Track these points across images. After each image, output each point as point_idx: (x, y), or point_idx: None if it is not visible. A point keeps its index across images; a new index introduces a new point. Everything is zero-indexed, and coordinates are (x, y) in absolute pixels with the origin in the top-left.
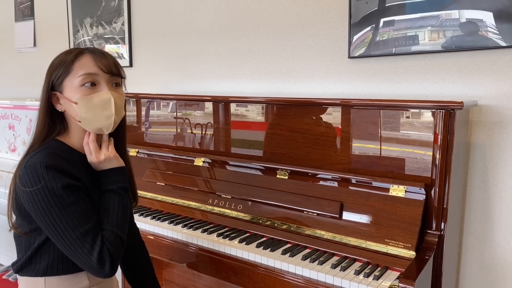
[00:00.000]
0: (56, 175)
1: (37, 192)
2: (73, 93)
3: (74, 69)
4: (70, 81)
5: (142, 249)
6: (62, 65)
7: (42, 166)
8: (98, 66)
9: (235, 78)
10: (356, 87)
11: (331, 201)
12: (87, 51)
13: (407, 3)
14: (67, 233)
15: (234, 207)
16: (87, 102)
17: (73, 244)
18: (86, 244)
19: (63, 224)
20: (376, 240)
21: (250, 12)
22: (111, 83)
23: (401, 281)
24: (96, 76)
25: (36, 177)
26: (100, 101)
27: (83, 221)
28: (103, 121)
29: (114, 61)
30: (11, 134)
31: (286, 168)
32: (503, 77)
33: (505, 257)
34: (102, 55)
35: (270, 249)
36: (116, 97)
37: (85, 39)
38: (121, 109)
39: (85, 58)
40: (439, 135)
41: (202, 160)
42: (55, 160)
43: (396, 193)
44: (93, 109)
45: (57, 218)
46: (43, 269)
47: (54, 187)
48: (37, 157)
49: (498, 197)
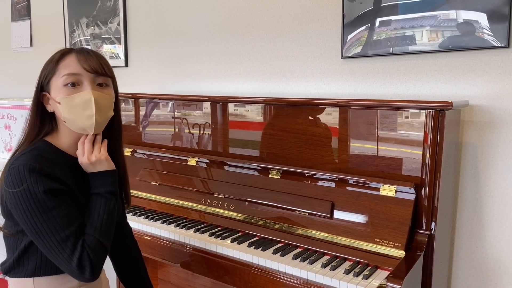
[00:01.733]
0: (39, 178)
1: (19, 194)
2: (57, 93)
3: (59, 69)
4: (55, 81)
5: (134, 249)
6: (48, 65)
7: (25, 169)
8: (82, 65)
9: (230, 78)
10: (349, 87)
11: (322, 200)
12: (73, 51)
13: (401, 4)
14: (48, 238)
15: (226, 206)
16: (68, 101)
17: (54, 249)
18: (66, 249)
19: (44, 228)
20: (367, 239)
21: (245, 12)
22: (96, 82)
23: (389, 280)
24: (78, 76)
25: (19, 179)
26: (81, 101)
27: (64, 226)
28: (85, 121)
29: (101, 61)
30: (7, 134)
31: (279, 168)
32: (495, 77)
33: (496, 256)
34: (87, 55)
35: (261, 249)
36: (98, 96)
37: (81, 39)
38: (106, 109)
39: (69, 58)
40: (429, 135)
41: (196, 160)
42: (39, 162)
43: (386, 193)
44: (74, 109)
45: (38, 222)
46: (31, 270)
47: (36, 191)
48: (21, 159)
49: (489, 197)
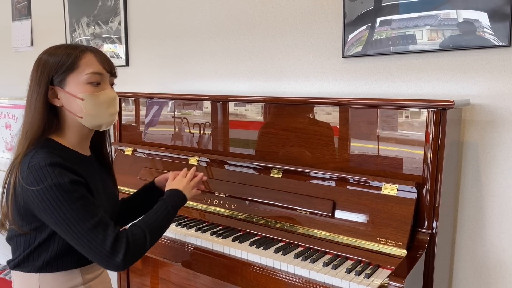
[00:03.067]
0: (62, 170)
1: (44, 190)
2: (78, 89)
3: (81, 66)
4: (76, 77)
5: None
6: (65, 61)
7: (46, 163)
8: (103, 65)
9: (231, 77)
10: (350, 86)
11: (323, 199)
12: (89, 50)
13: (402, 3)
14: (79, 227)
15: (228, 205)
16: (94, 99)
17: (85, 236)
18: (98, 235)
19: (74, 218)
20: (368, 238)
21: (245, 11)
22: (110, 83)
23: (391, 279)
24: (100, 75)
25: (42, 175)
26: (107, 98)
27: (93, 214)
28: (107, 118)
29: (111, 62)
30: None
31: (280, 167)
32: (496, 76)
33: (497, 255)
34: (104, 56)
35: (263, 248)
36: (116, 96)
37: (81, 38)
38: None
39: (89, 56)
40: (430, 134)
41: (197, 159)
42: (56, 157)
43: (388, 192)
44: (99, 106)
45: (67, 213)
46: (39, 266)
47: (62, 183)
48: (39, 156)
49: (490, 196)
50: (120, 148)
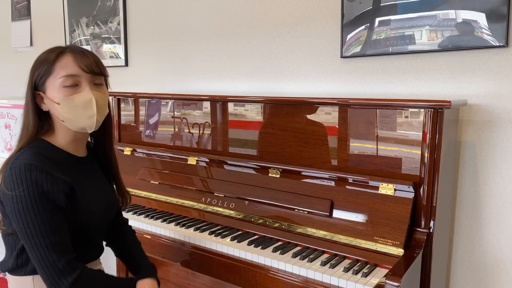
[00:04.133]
0: (39, 178)
1: (16, 195)
2: (55, 94)
3: (56, 69)
4: (52, 81)
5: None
6: (43, 65)
7: (26, 168)
8: (79, 66)
9: (230, 77)
10: (348, 87)
11: (321, 199)
12: (68, 50)
13: (401, 3)
14: (37, 239)
15: (226, 205)
16: (69, 102)
17: (39, 251)
18: (52, 254)
19: (35, 230)
20: (366, 237)
21: (244, 12)
22: (93, 82)
23: (388, 278)
24: (77, 77)
25: (19, 179)
26: (82, 101)
27: (55, 231)
28: (86, 121)
29: (96, 60)
30: (7, 133)
31: (278, 166)
32: (493, 76)
33: (494, 255)
34: (83, 54)
35: (261, 247)
36: (98, 96)
37: (81, 38)
38: (104, 108)
39: (66, 58)
40: (427, 134)
41: (196, 159)
42: (40, 161)
43: (385, 191)
44: (75, 109)
45: (30, 223)
46: (31, 269)
47: (35, 193)
48: (22, 158)
49: (488, 196)
50: (119, 148)
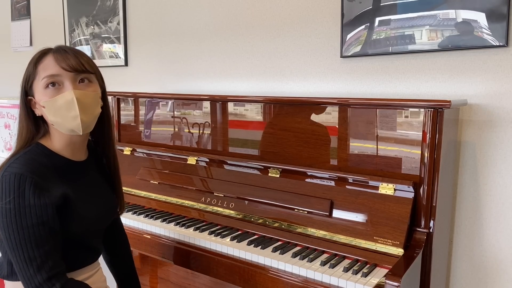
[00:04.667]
0: (27, 191)
1: (3, 206)
2: (40, 97)
3: (38, 71)
4: (37, 84)
5: (126, 244)
6: (29, 69)
7: (16, 178)
8: (60, 65)
9: (229, 77)
10: (348, 86)
11: (321, 199)
12: (50, 52)
13: (400, 3)
14: (18, 251)
15: (226, 205)
16: (52, 104)
17: (21, 263)
18: (30, 269)
19: (17, 242)
20: (366, 237)
21: (244, 12)
22: (77, 80)
23: (387, 278)
24: (58, 77)
25: (8, 190)
26: (64, 102)
27: (35, 246)
28: (71, 123)
29: (80, 58)
30: (7, 133)
31: (278, 166)
32: (493, 76)
33: (494, 255)
34: (64, 53)
35: (261, 247)
36: (81, 95)
37: (80, 38)
38: (91, 107)
39: (47, 59)
40: (427, 133)
41: (195, 159)
42: (32, 170)
43: (385, 191)
44: (59, 111)
45: (13, 235)
46: None
47: (20, 205)
48: (14, 166)
49: (488, 196)
50: (119, 148)
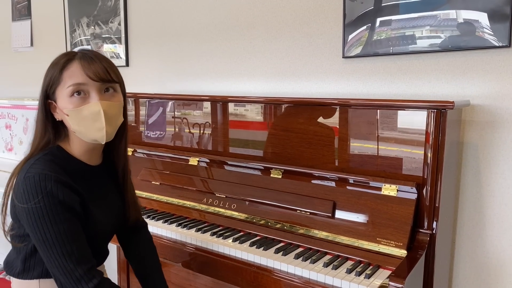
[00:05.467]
0: (54, 188)
1: (32, 207)
2: (64, 104)
3: (64, 78)
4: (61, 91)
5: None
6: (53, 73)
7: (41, 178)
8: (87, 74)
9: (230, 78)
10: (350, 87)
11: (324, 200)
12: (76, 58)
13: (402, 3)
14: (55, 249)
15: (228, 206)
16: (77, 114)
17: (58, 260)
18: (70, 263)
19: (52, 239)
20: (368, 239)
21: (245, 12)
22: (103, 90)
23: (391, 280)
24: (84, 86)
25: (33, 189)
26: (90, 113)
27: (72, 240)
28: (95, 133)
29: (106, 66)
30: (8, 134)
31: (280, 167)
32: (496, 76)
33: (497, 255)
34: (91, 61)
35: (263, 248)
36: (107, 107)
37: (81, 38)
38: (116, 118)
39: (73, 66)
40: (430, 134)
41: (197, 160)
42: (54, 171)
43: (388, 192)
44: (84, 121)
45: (47, 233)
46: (37, 274)
47: (51, 202)
48: (37, 167)
49: (490, 197)
50: None
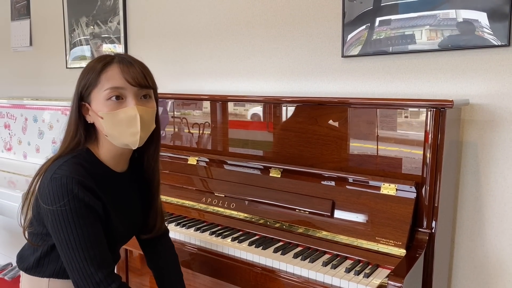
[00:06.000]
0: (81, 192)
1: (57, 209)
2: (100, 107)
3: (101, 81)
4: (97, 93)
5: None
6: (90, 75)
7: (68, 181)
8: (125, 78)
9: (230, 77)
10: (349, 86)
11: (323, 199)
12: (115, 61)
13: (401, 3)
14: (77, 252)
15: (227, 205)
16: (112, 117)
17: (79, 263)
18: (91, 267)
19: (76, 242)
20: (367, 238)
21: (245, 11)
22: (139, 95)
23: (390, 279)
24: (122, 90)
25: (60, 192)
26: (126, 117)
27: (95, 244)
28: (129, 138)
29: (144, 71)
30: (7, 133)
31: (279, 166)
32: (495, 76)
33: (496, 255)
34: (130, 65)
35: (262, 247)
36: (143, 112)
37: (81, 38)
38: (150, 124)
39: (112, 69)
40: (429, 133)
41: (196, 159)
42: (81, 174)
43: (387, 191)
44: (118, 125)
45: (71, 236)
46: (49, 273)
47: (77, 206)
48: (64, 169)
49: (490, 196)
50: None
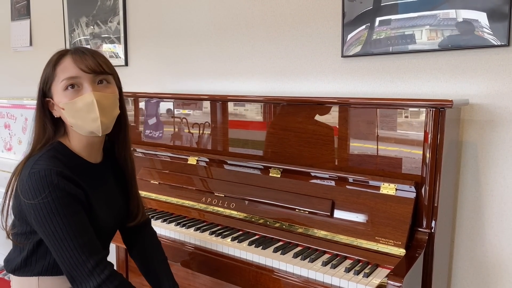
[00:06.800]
0: (61, 182)
1: (40, 202)
2: (60, 98)
3: (57, 74)
4: (56, 86)
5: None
6: (47, 71)
7: (46, 173)
8: (79, 67)
9: (230, 77)
10: (349, 86)
11: (322, 199)
12: (68, 53)
13: (401, 3)
14: (66, 242)
15: (227, 205)
16: (72, 106)
17: (69, 253)
18: (82, 255)
19: (63, 233)
20: (367, 238)
21: (245, 11)
22: (96, 81)
23: (389, 278)
24: (77, 78)
25: (40, 185)
26: (84, 104)
27: (83, 232)
28: (91, 125)
29: (98, 59)
30: (7, 133)
31: (279, 166)
32: (495, 76)
33: (496, 255)
34: (82, 54)
35: (262, 247)
36: (100, 97)
37: (81, 38)
38: (110, 109)
39: (65, 60)
40: (429, 133)
41: (196, 159)
42: (58, 166)
43: (387, 191)
44: (79, 113)
45: (58, 226)
46: (37, 271)
47: (59, 196)
48: (41, 163)
49: (489, 196)
50: None
